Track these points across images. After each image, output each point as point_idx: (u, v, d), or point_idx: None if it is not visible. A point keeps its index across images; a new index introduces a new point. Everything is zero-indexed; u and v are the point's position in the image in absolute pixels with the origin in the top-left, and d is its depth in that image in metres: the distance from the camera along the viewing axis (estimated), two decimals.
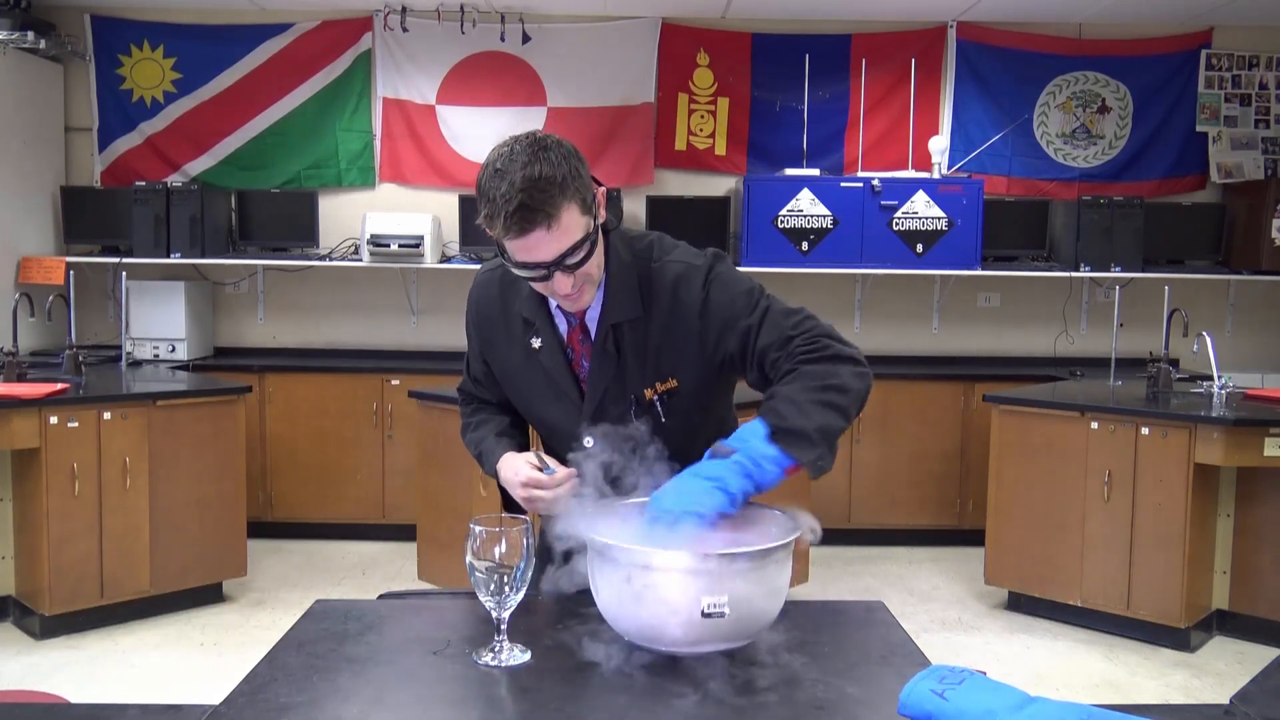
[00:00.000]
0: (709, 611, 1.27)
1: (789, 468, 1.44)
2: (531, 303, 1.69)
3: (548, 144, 1.49)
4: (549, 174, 1.45)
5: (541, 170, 1.45)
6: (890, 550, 5.34)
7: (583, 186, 1.51)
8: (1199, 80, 5.90)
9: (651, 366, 1.66)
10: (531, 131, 1.54)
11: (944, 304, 6.02)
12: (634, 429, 1.62)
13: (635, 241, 1.70)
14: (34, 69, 5.53)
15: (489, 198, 1.47)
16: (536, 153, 1.47)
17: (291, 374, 5.41)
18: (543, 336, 1.70)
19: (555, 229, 1.47)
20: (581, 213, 1.51)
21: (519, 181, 1.44)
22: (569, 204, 1.48)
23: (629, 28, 5.82)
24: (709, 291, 1.63)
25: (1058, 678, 3.77)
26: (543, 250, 1.49)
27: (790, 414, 1.47)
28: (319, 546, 5.30)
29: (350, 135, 5.87)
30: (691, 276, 1.64)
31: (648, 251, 1.68)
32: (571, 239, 1.50)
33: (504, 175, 1.46)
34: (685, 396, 1.68)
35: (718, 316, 1.62)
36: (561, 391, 1.71)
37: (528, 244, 1.48)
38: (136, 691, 3.51)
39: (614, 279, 1.64)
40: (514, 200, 1.44)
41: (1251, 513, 4.13)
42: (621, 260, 1.66)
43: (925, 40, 5.87)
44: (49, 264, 5.38)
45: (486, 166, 1.49)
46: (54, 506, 3.88)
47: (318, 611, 1.51)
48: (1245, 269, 5.68)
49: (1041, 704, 1.07)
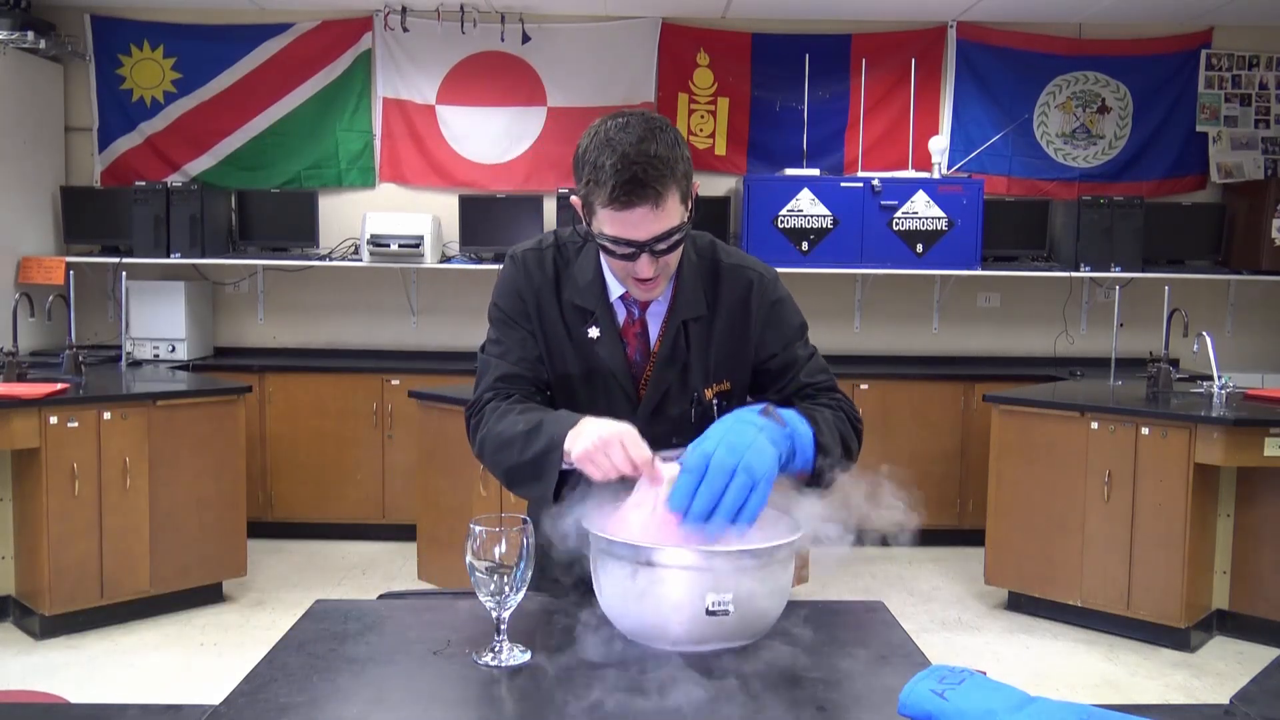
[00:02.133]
0: (713, 609, 1.27)
1: (803, 473, 1.49)
2: (591, 292, 1.66)
3: (663, 125, 1.51)
4: (662, 154, 1.47)
5: (656, 149, 1.46)
6: (890, 550, 5.34)
7: (685, 176, 1.52)
8: (1199, 80, 5.90)
9: (712, 366, 1.68)
10: (645, 110, 1.55)
11: (944, 304, 6.01)
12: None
13: (696, 239, 1.72)
14: (34, 69, 5.53)
15: (596, 164, 1.47)
16: (652, 130, 1.48)
17: (291, 374, 5.41)
18: (602, 327, 1.66)
19: (660, 209, 1.48)
20: (681, 200, 1.52)
21: (633, 154, 1.45)
22: (673, 188, 1.49)
23: (629, 28, 5.82)
24: (775, 306, 1.70)
25: (1058, 678, 3.77)
26: (642, 228, 1.49)
27: (829, 433, 1.54)
28: (319, 546, 5.30)
29: (350, 135, 5.87)
30: (764, 287, 1.70)
31: (710, 250, 1.72)
32: (670, 222, 1.50)
33: (615, 146, 1.46)
34: (734, 399, 1.71)
35: (777, 331, 1.69)
36: (616, 385, 1.66)
37: (630, 218, 1.48)
38: (136, 691, 3.51)
39: (684, 276, 1.66)
40: (626, 172, 1.44)
41: (1251, 513, 4.13)
42: (690, 258, 1.68)
43: (925, 40, 5.87)
44: (49, 264, 5.38)
45: (594, 134, 1.50)
46: (54, 506, 3.88)
47: (318, 611, 1.51)
48: (1245, 269, 5.68)
49: (1041, 704, 1.07)
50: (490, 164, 5.83)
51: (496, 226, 5.61)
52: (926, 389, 5.43)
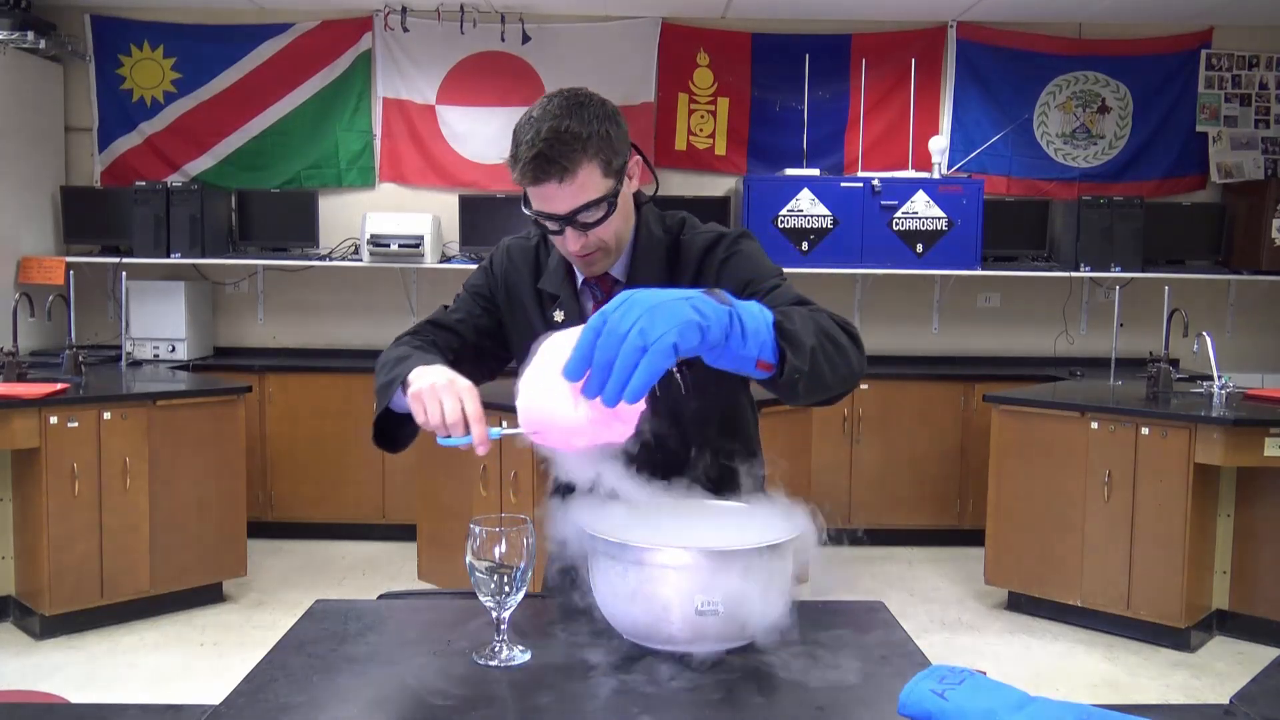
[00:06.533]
0: (702, 610, 1.26)
1: (766, 361, 1.22)
2: (557, 277, 1.70)
3: (586, 102, 1.53)
4: (575, 130, 1.48)
5: (569, 125, 1.48)
6: (890, 550, 5.34)
7: (610, 149, 1.53)
8: (1199, 80, 5.90)
9: None
10: (578, 88, 1.57)
11: (944, 304, 6.01)
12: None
13: (667, 218, 1.72)
14: (34, 69, 5.53)
15: (516, 141, 1.51)
16: (571, 108, 1.50)
17: (291, 374, 5.42)
18: (565, 310, 1.70)
19: (569, 183, 1.49)
20: (604, 174, 1.53)
21: (544, 131, 1.47)
22: (590, 162, 1.50)
23: (629, 28, 5.82)
24: (731, 255, 1.63)
25: (1058, 678, 3.77)
26: (557, 202, 1.52)
27: (798, 322, 1.28)
28: (319, 546, 5.30)
29: (350, 135, 5.87)
30: (718, 244, 1.65)
31: (678, 226, 1.71)
32: (586, 196, 1.51)
33: (535, 124, 1.49)
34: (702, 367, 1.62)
35: (736, 279, 1.59)
36: None
37: (543, 193, 1.52)
38: (136, 691, 3.51)
39: (641, 249, 1.66)
40: (533, 148, 1.48)
41: (1251, 513, 4.13)
42: (652, 233, 1.68)
43: (925, 40, 5.87)
44: (49, 264, 5.38)
45: (525, 113, 1.53)
46: (54, 506, 3.88)
47: (318, 611, 1.51)
48: (1245, 269, 5.68)
49: (1041, 704, 1.07)
50: (490, 164, 5.83)
51: (496, 226, 5.61)
52: (926, 389, 5.43)
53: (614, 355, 1.11)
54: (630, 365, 1.10)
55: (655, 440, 1.52)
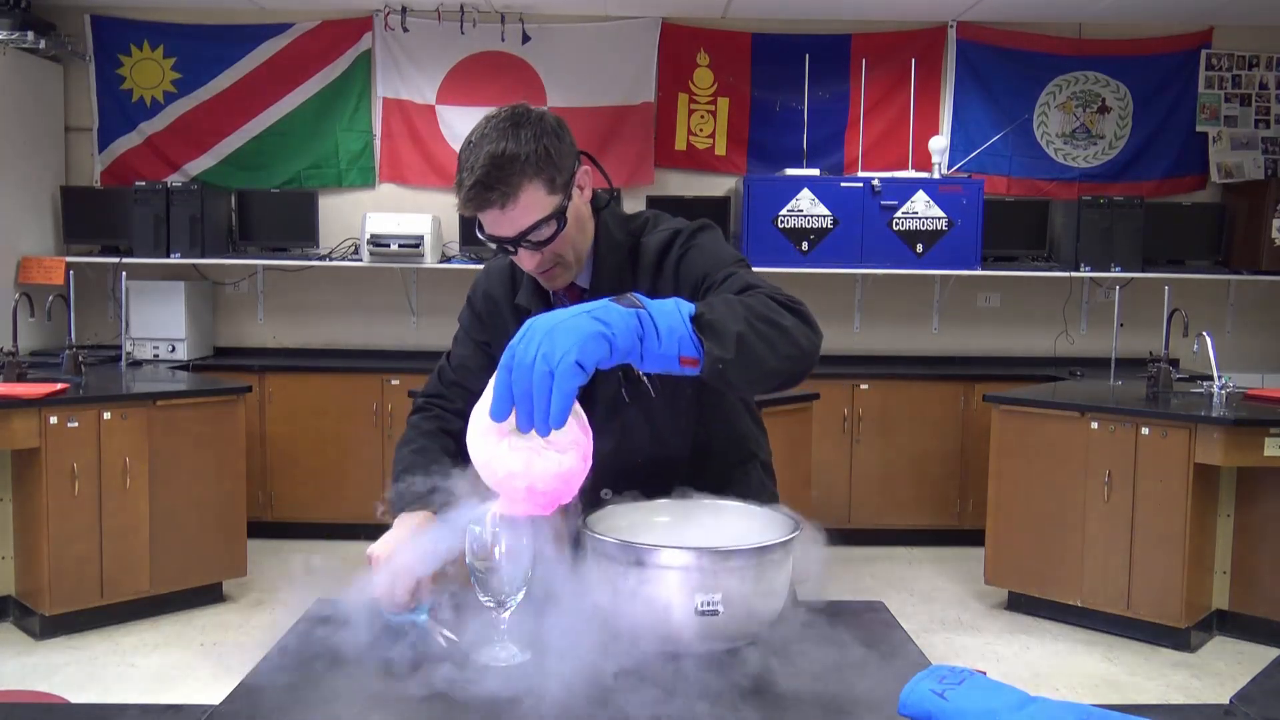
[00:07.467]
0: (703, 610, 1.26)
1: (688, 357, 1.20)
2: (528, 291, 1.69)
3: (523, 120, 1.49)
4: (513, 152, 1.45)
5: (506, 148, 1.45)
6: (890, 550, 5.34)
7: (553, 166, 1.49)
8: (1199, 80, 5.90)
9: None
10: (517, 105, 1.53)
11: (944, 304, 6.01)
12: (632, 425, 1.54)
13: (629, 220, 1.69)
14: (34, 69, 5.53)
15: (459, 168, 1.49)
16: (508, 129, 1.47)
17: (291, 374, 5.41)
18: None
19: (511, 208, 1.48)
20: (549, 192, 1.50)
21: (482, 159, 1.45)
22: (531, 183, 1.47)
23: (629, 28, 5.82)
24: (686, 251, 1.60)
25: (1058, 678, 3.77)
26: (502, 227, 1.50)
27: (721, 310, 1.25)
28: (319, 546, 5.30)
29: (350, 135, 5.87)
30: (673, 242, 1.62)
31: (641, 228, 1.67)
32: (531, 218, 1.49)
33: (474, 150, 1.47)
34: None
35: (690, 277, 1.57)
36: None
37: (488, 219, 1.50)
38: (136, 691, 3.51)
39: (603, 257, 1.64)
40: (472, 176, 1.46)
41: (1251, 513, 4.13)
42: (613, 238, 1.65)
43: (925, 40, 5.87)
44: (49, 264, 5.38)
45: (467, 137, 1.51)
46: (54, 506, 3.88)
47: (318, 611, 1.51)
48: (1245, 269, 5.68)
49: (1041, 704, 1.07)
50: None
51: None
52: (926, 389, 5.43)
53: (528, 386, 1.12)
54: (544, 392, 1.11)
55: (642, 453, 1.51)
